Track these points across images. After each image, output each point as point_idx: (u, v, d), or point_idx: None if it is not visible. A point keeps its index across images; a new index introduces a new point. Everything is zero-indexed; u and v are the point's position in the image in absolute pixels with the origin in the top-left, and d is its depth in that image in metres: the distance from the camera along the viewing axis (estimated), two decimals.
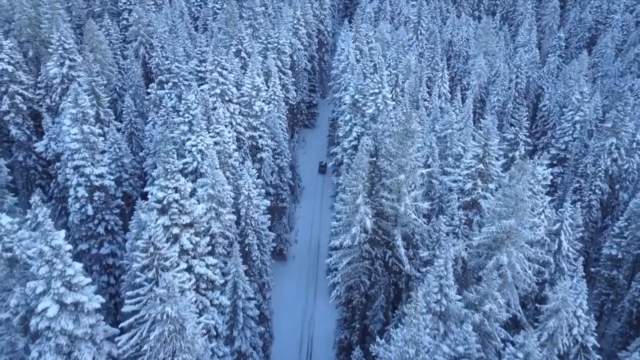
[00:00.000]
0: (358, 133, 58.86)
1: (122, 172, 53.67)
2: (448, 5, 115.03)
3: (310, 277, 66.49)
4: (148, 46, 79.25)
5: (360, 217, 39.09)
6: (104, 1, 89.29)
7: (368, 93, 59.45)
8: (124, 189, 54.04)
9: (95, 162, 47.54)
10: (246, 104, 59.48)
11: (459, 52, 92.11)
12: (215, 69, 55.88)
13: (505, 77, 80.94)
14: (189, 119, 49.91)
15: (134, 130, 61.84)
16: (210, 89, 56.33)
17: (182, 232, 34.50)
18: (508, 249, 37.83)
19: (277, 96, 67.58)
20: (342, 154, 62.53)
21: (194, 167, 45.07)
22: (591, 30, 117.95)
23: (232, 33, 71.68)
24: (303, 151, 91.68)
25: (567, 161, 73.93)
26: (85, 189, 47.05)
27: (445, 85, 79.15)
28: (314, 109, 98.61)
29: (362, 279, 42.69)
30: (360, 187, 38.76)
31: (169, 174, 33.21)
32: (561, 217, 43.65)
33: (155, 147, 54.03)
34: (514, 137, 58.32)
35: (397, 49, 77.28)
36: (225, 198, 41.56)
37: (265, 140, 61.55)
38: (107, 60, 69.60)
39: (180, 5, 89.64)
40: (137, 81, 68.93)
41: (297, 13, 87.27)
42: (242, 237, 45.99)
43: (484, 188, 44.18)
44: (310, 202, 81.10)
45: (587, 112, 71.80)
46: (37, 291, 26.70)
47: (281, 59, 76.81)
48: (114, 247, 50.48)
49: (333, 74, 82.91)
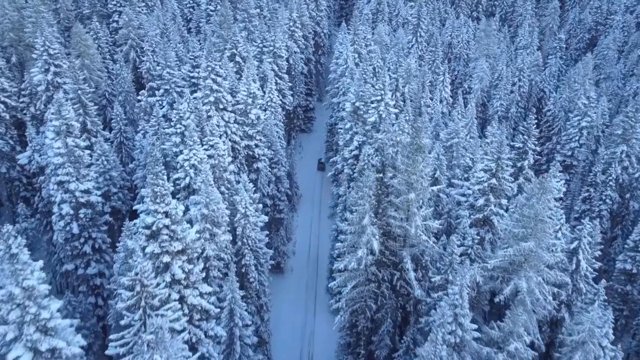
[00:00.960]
0: (359, 142, 55.58)
1: (111, 185, 50.18)
2: (446, 6, 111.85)
3: (310, 291, 63.23)
4: (139, 50, 75.65)
5: (367, 239, 35.85)
6: (93, 3, 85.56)
7: (369, 100, 56.17)
8: (112, 204, 50.55)
9: (81, 177, 44.04)
10: (242, 111, 56.11)
11: (459, 55, 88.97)
12: (209, 76, 52.45)
13: (508, 81, 77.90)
14: (181, 129, 46.51)
15: (123, 139, 58.31)
16: (203, 96, 52.89)
17: (173, 260, 31.15)
18: (526, 273, 34.76)
19: (274, 102, 64.27)
20: (342, 163, 59.26)
21: (187, 183, 41.67)
22: (591, 31, 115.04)
23: (227, 36, 68.22)
24: (300, 157, 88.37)
25: (573, 168, 71.04)
26: (70, 205, 43.57)
27: (446, 89, 76.02)
28: (310, 112, 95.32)
29: (368, 302, 39.45)
30: (367, 206, 35.52)
31: (158, 197, 29.85)
32: (579, 235, 40.54)
33: (145, 159, 50.59)
34: (522, 145, 55.24)
35: (397, 52, 74.07)
36: (220, 218, 38.22)
37: (262, 149, 58.20)
38: (95, 65, 65.97)
39: (172, 6, 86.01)
40: (127, 87, 65.34)
41: (293, 15, 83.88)
42: (238, 257, 42.67)
43: (497, 204, 41.03)
44: (308, 209, 77.84)
45: (594, 117, 68.89)
46: (8, 338, 23.31)
47: (277, 63, 73.43)
48: (101, 267, 47.03)
49: (331, 78, 79.61)
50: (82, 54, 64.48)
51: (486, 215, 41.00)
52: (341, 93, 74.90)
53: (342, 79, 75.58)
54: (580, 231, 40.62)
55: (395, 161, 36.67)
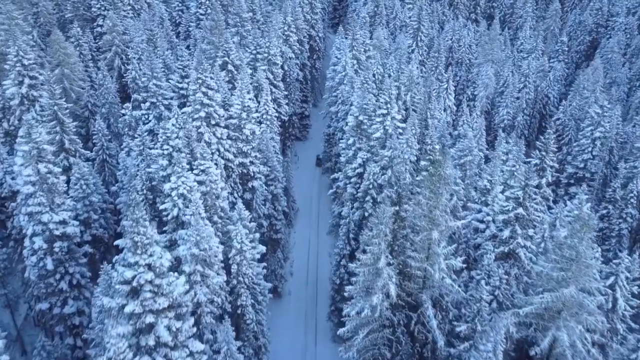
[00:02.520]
0: (363, 159, 50.45)
1: (91, 212, 44.59)
2: (444, 8, 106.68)
3: (310, 317, 58.01)
4: (124, 57, 69.87)
5: (383, 283, 30.70)
6: (76, 6, 79.47)
7: (374, 114, 51.04)
8: (93, 231, 45.00)
9: (56, 206, 38.54)
10: (235, 127, 50.72)
11: (461, 60, 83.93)
12: (199, 89, 46.99)
13: (514, 88, 72.98)
14: (168, 151, 41.19)
15: (106, 156, 52.69)
16: (193, 111, 47.46)
17: (158, 319, 25.81)
18: (566, 323, 29.80)
19: (270, 115, 58.88)
20: (344, 181, 54.11)
21: (174, 215, 36.25)
22: (592, 33, 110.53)
23: (218, 43, 62.66)
24: (296, 167, 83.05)
25: (584, 180, 66.30)
26: (43, 239, 38.11)
27: (450, 97, 70.98)
28: (306, 120, 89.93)
29: (382, 350, 34.31)
30: (383, 245, 30.36)
31: (139, 248, 24.52)
32: (615, 270, 35.73)
33: (129, 182, 45.12)
34: (539, 162, 50.41)
35: (399, 59, 68.88)
36: (212, 257, 32.96)
37: (257, 166, 52.88)
38: (76, 75, 60.17)
39: (160, 10, 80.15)
40: (110, 98, 59.57)
41: (287, 19, 78.38)
42: (233, 297, 37.45)
43: (524, 236, 36.08)
44: (306, 223, 72.52)
45: (607, 127, 64.14)
46: None
47: (272, 70, 68.00)
48: (80, 304, 41.63)
49: (328, 86, 74.29)
50: (61, 63, 58.68)
51: (512, 248, 36.04)
52: (340, 102, 69.74)
53: (340, 86, 70.36)
54: (617, 265, 35.81)
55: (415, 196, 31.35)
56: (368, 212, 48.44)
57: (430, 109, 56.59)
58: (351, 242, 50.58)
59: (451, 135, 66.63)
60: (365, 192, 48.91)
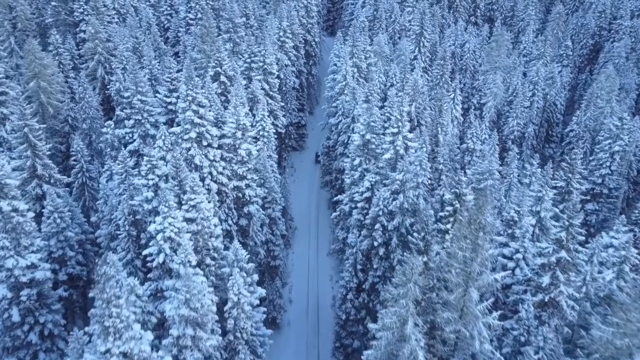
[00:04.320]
0: (372, 182, 44.80)
1: (66, 248, 38.74)
2: (443, 11, 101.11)
3: (311, 348, 52.54)
4: (107, 66, 63.75)
5: (410, 350, 25.15)
6: (57, 10, 73.11)
7: (383, 132, 45.51)
8: (69, 270, 39.16)
9: (22, 248, 32.67)
10: (229, 147, 44.98)
11: (466, 66, 78.54)
12: (190, 107, 41.16)
13: (525, 97, 67.67)
14: (154, 181, 35.41)
15: (86, 179, 46.88)
16: (183, 132, 41.64)
17: None
18: None
19: (267, 131, 53.14)
20: (349, 205, 48.50)
21: (160, 262, 30.48)
22: (594, 36, 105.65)
23: (209, 52, 56.74)
24: (292, 179, 77.41)
25: (602, 196, 61.25)
26: (7, 287, 32.26)
27: (457, 107, 65.49)
28: (302, 129, 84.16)
29: None
30: (411, 307, 24.79)
31: (111, 334, 18.80)
32: None
33: (110, 213, 39.28)
34: (565, 185, 45.20)
35: (403, 68, 63.33)
36: (205, 316, 27.28)
37: (254, 189, 47.18)
38: (54, 87, 54.08)
39: (147, 14, 74.02)
40: (92, 112, 53.73)
41: (283, 24, 72.48)
42: (229, 353, 31.79)
43: (567, 282, 30.71)
44: (305, 241, 66.91)
45: (628, 140, 59.03)
46: None
47: (268, 80, 62.19)
48: (54, 356, 35.77)
49: (327, 96, 68.51)
50: (37, 75, 52.58)
51: (553, 297, 30.65)
52: (340, 113, 64.04)
53: (340, 97, 64.65)
54: None
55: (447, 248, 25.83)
56: (377, 241, 42.92)
57: (441, 123, 51.06)
58: (358, 274, 45.02)
59: (459, 149, 61.37)
60: (374, 219, 43.30)
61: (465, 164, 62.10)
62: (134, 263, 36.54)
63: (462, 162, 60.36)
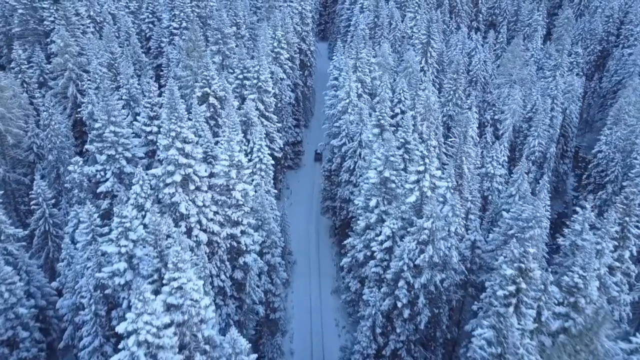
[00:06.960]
0: (393, 230, 36.71)
1: (18, 327, 30.23)
2: (444, 16, 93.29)
3: None
4: (80, 83, 54.96)
5: None
6: (25, 19, 63.92)
7: (404, 167, 37.57)
8: (22, 354, 30.64)
9: None
10: (222, 188, 36.70)
11: (476, 78, 70.81)
12: (173, 144, 32.79)
13: (546, 114, 60.10)
14: (126, 248, 27.03)
15: (49, 226, 38.39)
16: (165, 174, 33.27)
17: None
18: None
19: (264, 163, 44.94)
20: (364, 252, 40.44)
21: None
22: (602, 42, 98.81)
23: (196, 68, 48.38)
24: (289, 202, 69.37)
25: None
26: None
27: (474, 126, 57.62)
28: (299, 146, 76.01)
29: None
30: None
31: None
32: None
33: (74, 280, 30.85)
34: (620, 229, 37.60)
35: (414, 84, 55.42)
36: None
37: (250, 235, 38.93)
38: (14, 113, 45.40)
39: (126, 23, 65.16)
40: (59, 142, 45.10)
41: (277, 33, 64.09)
42: None
43: None
44: (305, 277, 58.62)
45: None
46: None
47: (263, 100, 53.89)
48: None
49: (329, 114, 60.29)
50: None
51: None
52: (344, 134, 55.95)
53: (344, 115, 56.58)
54: None
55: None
56: (402, 301, 35.06)
57: (466, 152, 43.19)
58: (377, 339, 37.09)
59: (478, 175, 53.64)
60: (397, 274, 35.41)
61: (483, 190, 54.48)
62: (103, 350, 28.20)
63: (481, 189, 52.73)
